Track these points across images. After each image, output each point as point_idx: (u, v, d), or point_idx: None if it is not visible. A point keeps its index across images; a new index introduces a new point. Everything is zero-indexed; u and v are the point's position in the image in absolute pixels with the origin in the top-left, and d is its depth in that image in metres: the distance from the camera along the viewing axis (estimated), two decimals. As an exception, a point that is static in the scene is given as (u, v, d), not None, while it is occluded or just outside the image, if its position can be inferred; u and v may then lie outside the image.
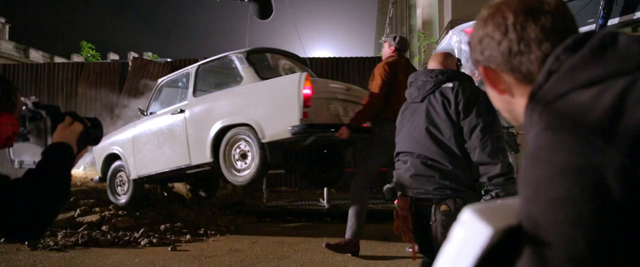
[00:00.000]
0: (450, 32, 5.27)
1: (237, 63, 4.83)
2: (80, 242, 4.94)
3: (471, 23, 4.05)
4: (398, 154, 2.38)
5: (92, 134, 1.35)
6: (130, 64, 12.00)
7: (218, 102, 4.86)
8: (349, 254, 4.26)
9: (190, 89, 5.21)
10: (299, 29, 5.25)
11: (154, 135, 5.45)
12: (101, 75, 11.74)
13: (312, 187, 7.69)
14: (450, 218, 2.11)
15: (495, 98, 0.87)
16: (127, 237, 5.14)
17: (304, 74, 4.26)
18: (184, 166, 5.12)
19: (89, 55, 13.53)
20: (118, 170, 5.97)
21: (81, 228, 5.34)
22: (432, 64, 2.47)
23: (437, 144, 2.20)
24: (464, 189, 2.17)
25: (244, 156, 4.54)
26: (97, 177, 6.37)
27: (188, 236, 5.27)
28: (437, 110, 2.23)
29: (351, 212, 4.28)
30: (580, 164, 0.59)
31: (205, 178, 6.49)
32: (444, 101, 2.23)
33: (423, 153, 2.22)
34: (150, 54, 15.51)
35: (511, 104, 0.84)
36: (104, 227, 5.45)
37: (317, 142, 4.44)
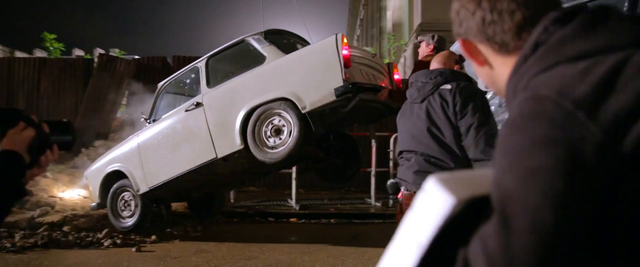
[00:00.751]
0: None
1: (255, 44, 4.75)
2: (39, 243, 4.78)
3: None
4: (401, 152, 2.46)
5: (55, 140, 1.25)
6: (96, 60, 11.72)
7: (242, 86, 4.69)
8: (324, 256, 4.25)
9: (203, 82, 5.01)
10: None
11: (166, 138, 5.16)
12: (65, 72, 11.41)
13: (329, 184, 7.33)
14: None
15: (478, 71, 0.87)
16: (90, 238, 5.01)
17: (340, 34, 4.20)
18: (208, 161, 4.82)
19: (52, 47, 12.87)
20: (121, 191, 5.53)
21: (41, 229, 5.17)
22: (434, 64, 2.54)
23: (439, 143, 2.28)
24: None
25: (278, 132, 4.38)
26: (94, 204, 5.81)
27: (153, 237, 5.17)
28: (436, 112, 2.31)
29: None
30: (559, 136, 0.59)
31: (208, 195, 6.20)
32: (442, 103, 2.30)
33: (426, 151, 2.31)
34: (117, 50, 15.11)
35: (492, 76, 0.84)
36: (65, 228, 5.29)
37: (356, 109, 4.31)
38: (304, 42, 5.21)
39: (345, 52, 4.08)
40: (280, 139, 4.34)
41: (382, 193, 7.94)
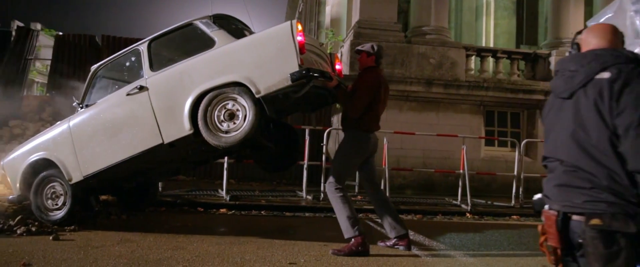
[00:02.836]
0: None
1: (204, 28, 4.61)
2: (-59, 229, 4.38)
3: None
4: (545, 158, 1.99)
5: None
6: (13, 33, 10.88)
7: (191, 70, 4.52)
8: (253, 247, 4.21)
9: (146, 65, 4.78)
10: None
11: (103, 123, 4.84)
12: (-24, 44, 10.52)
13: (269, 172, 7.24)
14: (602, 235, 1.72)
15: None
16: (0, 225, 4.65)
17: (295, 21, 4.21)
18: (153, 147, 4.60)
19: None
20: (48, 181, 5.10)
21: (-56, 214, 4.75)
22: (592, 42, 1.91)
23: (586, 150, 1.79)
24: (626, 203, 1.72)
25: (231, 116, 4.30)
26: (13, 197, 5.34)
27: (73, 225, 4.89)
28: (587, 110, 1.79)
29: (336, 213, 4.35)
30: None
31: (142, 184, 5.92)
32: (596, 99, 1.77)
33: (569, 160, 1.84)
34: (38, 25, 14.08)
35: None
36: (-28, 214, 4.89)
37: (306, 95, 4.32)
38: (248, 29, 5.16)
39: (300, 38, 4.14)
40: (234, 123, 4.30)
41: (313, 186, 8.03)
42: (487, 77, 10.79)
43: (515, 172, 8.31)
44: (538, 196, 2.01)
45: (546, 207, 1.92)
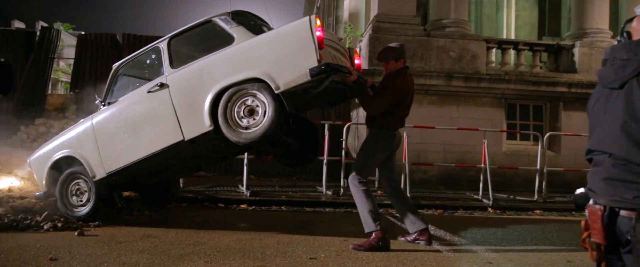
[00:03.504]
0: None
1: (223, 25, 4.64)
2: (-28, 225, 4.51)
3: None
4: (591, 151, 1.90)
5: None
6: (38, 34, 11.10)
7: (210, 66, 4.56)
8: (274, 242, 4.23)
9: (166, 62, 4.84)
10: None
11: (126, 121, 4.92)
12: (3, 44, 10.76)
13: (290, 167, 7.29)
14: None
15: None
16: (28, 221, 4.76)
17: (313, 16, 4.22)
18: (174, 144, 4.65)
19: None
20: (73, 178, 5.20)
21: (-26, 210, 4.88)
22: None
23: (638, 143, 1.70)
24: None
25: (251, 113, 4.33)
26: (40, 193, 5.44)
27: (97, 221, 4.99)
28: (639, 101, 1.71)
29: (358, 207, 4.34)
30: None
31: (163, 181, 6.00)
32: None
33: (619, 153, 1.75)
34: (61, 24, 14.32)
35: None
36: (0, 210, 5.01)
37: (325, 90, 4.33)
38: (267, 25, 5.16)
39: (319, 33, 4.13)
40: (254, 119, 4.32)
41: (333, 181, 8.03)
42: (508, 70, 10.61)
43: (538, 166, 8.18)
44: (580, 190, 1.94)
45: (591, 201, 1.83)
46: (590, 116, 1.93)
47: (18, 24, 34.52)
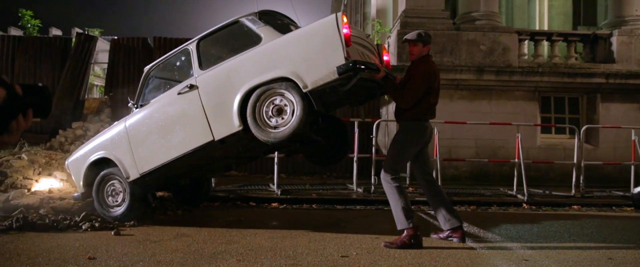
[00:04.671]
0: None
1: (250, 25, 4.68)
2: (14, 226, 4.68)
3: None
4: None
5: (28, 100, 1.13)
6: (73, 40, 11.43)
7: (238, 67, 4.61)
8: (305, 241, 4.24)
9: (196, 64, 4.91)
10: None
11: (157, 122, 5.02)
12: (42, 51, 11.12)
13: (320, 165, 7.33)
14: None
15: None
16: (67, 221, 4.91)
17: (340, 13, 4.21)
18: (204, 144, 4.72)
19: (29, 25, 12.33)
20: (108, 179, 5.35)
21: (16, 211, 5.06)
22: None
23: None
24: None
25: (279, 112, 4.36)
26: (77, 194, 5.59)
27: (133, 221, 5.10)
28: None
29: (391, 204, 4.33)
30: None
31: (196, 181, 6.14)
32: None
33: None
34: (96, 30, 14.70)
35: None
36: (42, 211, 5.19)
37: (354, 88, 4.31)
38: (294, 24, 5.16)
39: (345, 31, 4.09)
40: (282, 118, 4.33)
41: (363, 179, 7.99)
42: (541, 62, 10.32)
43: (575, 160, 7.93)
44: (638, 189, 1.78)
45: None
46: None
47: (55, 31, 35.65)
